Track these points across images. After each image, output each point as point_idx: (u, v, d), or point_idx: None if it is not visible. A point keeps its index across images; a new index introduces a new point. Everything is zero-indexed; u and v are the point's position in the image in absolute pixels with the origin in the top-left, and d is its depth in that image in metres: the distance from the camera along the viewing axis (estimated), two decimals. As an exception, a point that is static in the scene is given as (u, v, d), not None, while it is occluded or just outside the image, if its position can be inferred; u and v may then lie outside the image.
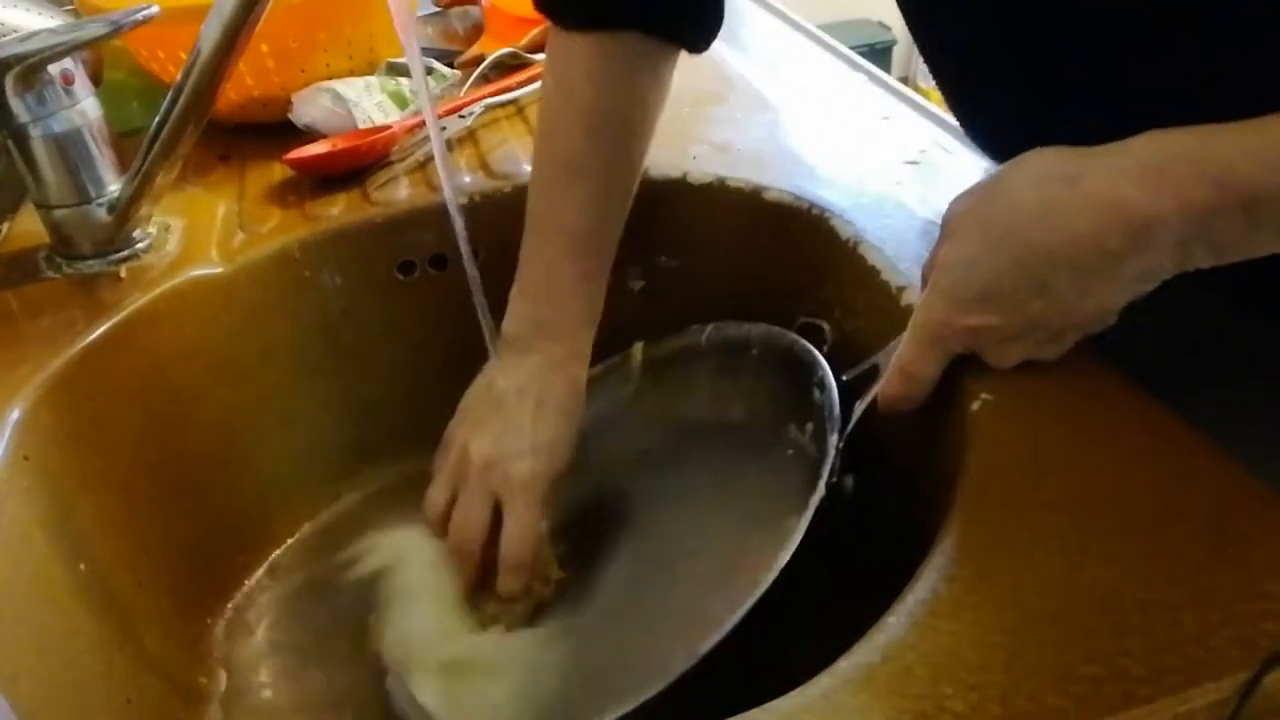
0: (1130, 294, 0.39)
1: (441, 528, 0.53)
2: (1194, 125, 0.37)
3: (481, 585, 0.53)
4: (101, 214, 0.59)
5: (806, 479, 0.45)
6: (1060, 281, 0.38)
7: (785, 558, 0.40)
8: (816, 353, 0.51)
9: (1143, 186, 0.36)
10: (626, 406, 0.61)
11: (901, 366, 0.44)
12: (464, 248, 0.55)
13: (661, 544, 0.54)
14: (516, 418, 0.52)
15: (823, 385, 0.48)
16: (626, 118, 0.54)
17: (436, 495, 0.54)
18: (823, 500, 0.42)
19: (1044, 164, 0.40)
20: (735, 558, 0.48)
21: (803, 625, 0.53)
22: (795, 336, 0.53)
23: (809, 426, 0.51)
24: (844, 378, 0.48)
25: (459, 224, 0.55)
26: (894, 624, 0.34)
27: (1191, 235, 0.36)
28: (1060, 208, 0.38)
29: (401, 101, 0.74)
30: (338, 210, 0.65)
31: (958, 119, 0.57)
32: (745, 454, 0.55)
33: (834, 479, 0.44)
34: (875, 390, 0.46)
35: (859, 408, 0.46)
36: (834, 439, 0.45)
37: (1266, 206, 0.35)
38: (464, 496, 0.52)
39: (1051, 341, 0.42)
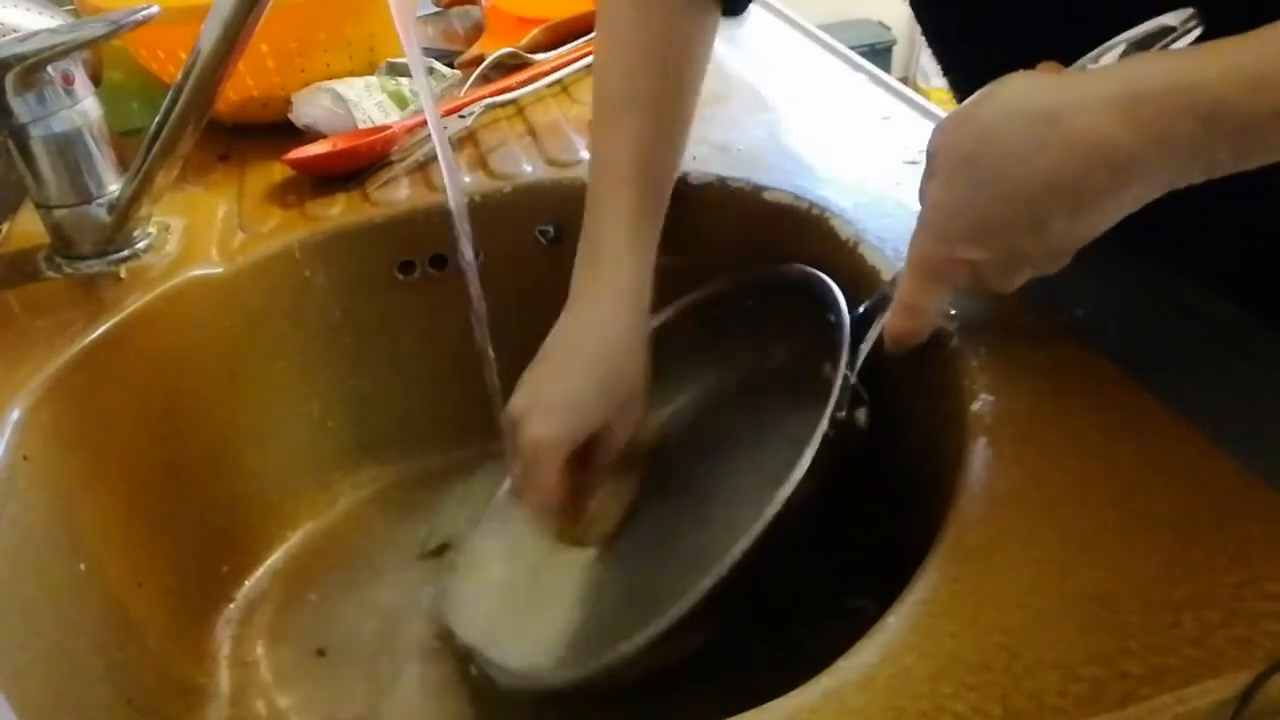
0: (1121, 215, 0.39)
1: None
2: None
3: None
4: (101, 214, 0.59)
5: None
6: (1051, 217, 0.38)
7: (788, 490, 0.42)
8: (834, 287, 0.51)
9: (1126, 123, 0.36)
10: (670, 350, 0.61)
11: (902, 301, 0.44)
12: (465, 248, 0.55)
13: (699, 486, 0.56)
14: (545, 376, 0.52)
15: (837, 320, 0.49)
16: (666, 54, 0.54)
17: (510, 460, 0.53)
18: (829, 433, 0.43)
19: (1022, 95, 0.39)
20: (765, 497, 0.49)
21: (803, 623, 0.53)
22: (821, 276, 0.53)
23: (828, 361, 0.52)
24: (859, 310, 0.49)
25: (461, 224, 0.55)
26: (894, 624, 0.34)
27: (1181, 165, 0.36)
28: (1045, 149, 0.37)
29: (401, 101, 0.74)
30: (338, 210, 0.65)
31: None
32: (783, 395, 0.56)
33: (842, 413, 0.45)
34: (880, 326, 0.46)
35: (865, 346, 0.47)
36: (842, 372, 0.46)
37: (1258, 130, 0.35)
38: (512, 459, 0.52)
39: (1049, 262, 0.41)
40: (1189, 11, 0.38)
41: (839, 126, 0.69)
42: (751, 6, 0.62)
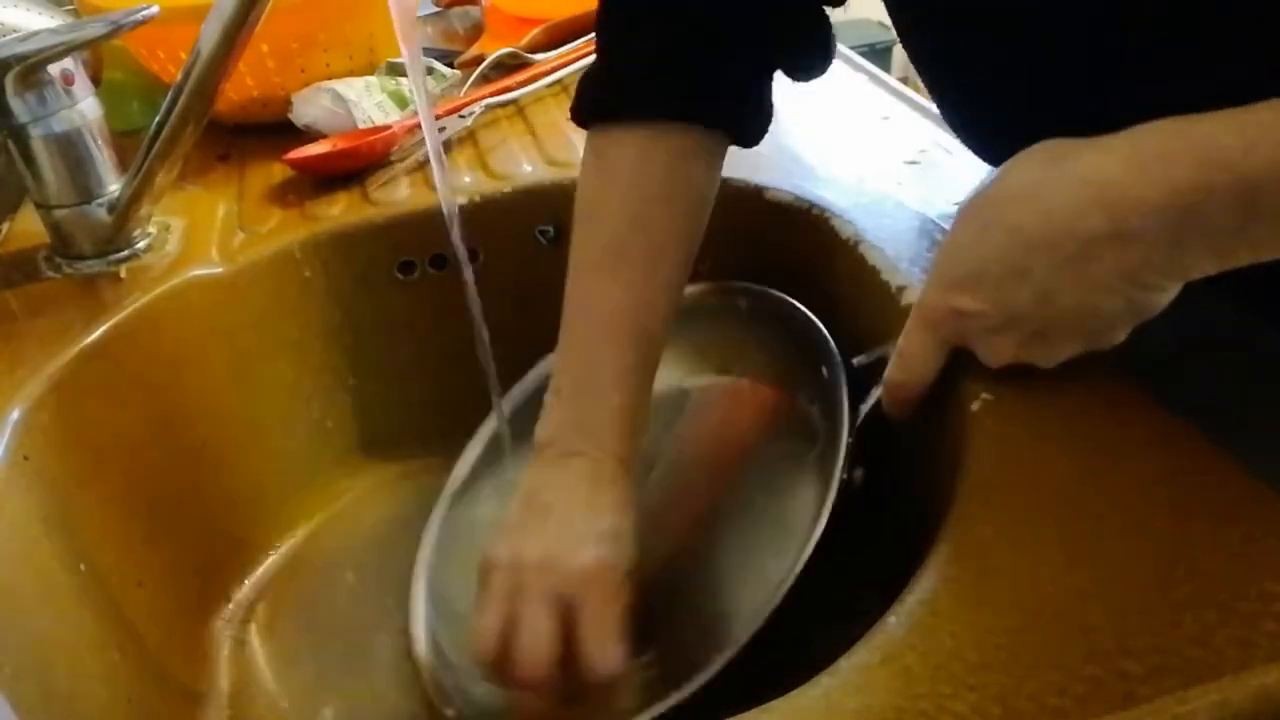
0: (1124, 300, 0.37)
1: (499, 663, 0.43)
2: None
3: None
4: (101, 214, 0.59)
5: (815, 459, 0.48)
6: (1037, 267, 0.37)
7: (799, 567, 0.42)
8: (828, 337, 0.51)
9: (1128, 167, 0.35)
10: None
11: (898, 350, 0.44)
12: (460, 251, 0.55)
13: (671, 518, 0.54)
14: (569, 516, 0.45)
15: (833, 373, 0.49)
16: (673, 203, 0.50)
17: (487, 623, 0.43)
18: (835, 501, 0.43)
19: (1042, 151, 0.39)
20: (756, 544, 0.49)
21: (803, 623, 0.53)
22: (811, 317, 0.53)
23: (816, 405, 0.52)
24: (854, 362, 0.49)
25: (455, 230, 0.55)
26: (894, 624, 0.34)
27: (1183, 225, 0.34)
28: (1044, 189, 0.37)
29: (401, 101, 0.74)
30: (338, 210, 0.65)
31: (950, 125, 0.57)
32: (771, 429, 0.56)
33: (845, 476, 0.44)
34: (880, 388, 0.46)
35: (864, 407, 0.47)
36: (844, 436, 0.45)
37: (1263, 189, 0.33)
38: (524, 610, 0.43)
39: (1038, 341, 0.40)
40: None
41: (839, 126, 0.69)
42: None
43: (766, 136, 0.66)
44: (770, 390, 0.56)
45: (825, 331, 0.52)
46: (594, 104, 0.52)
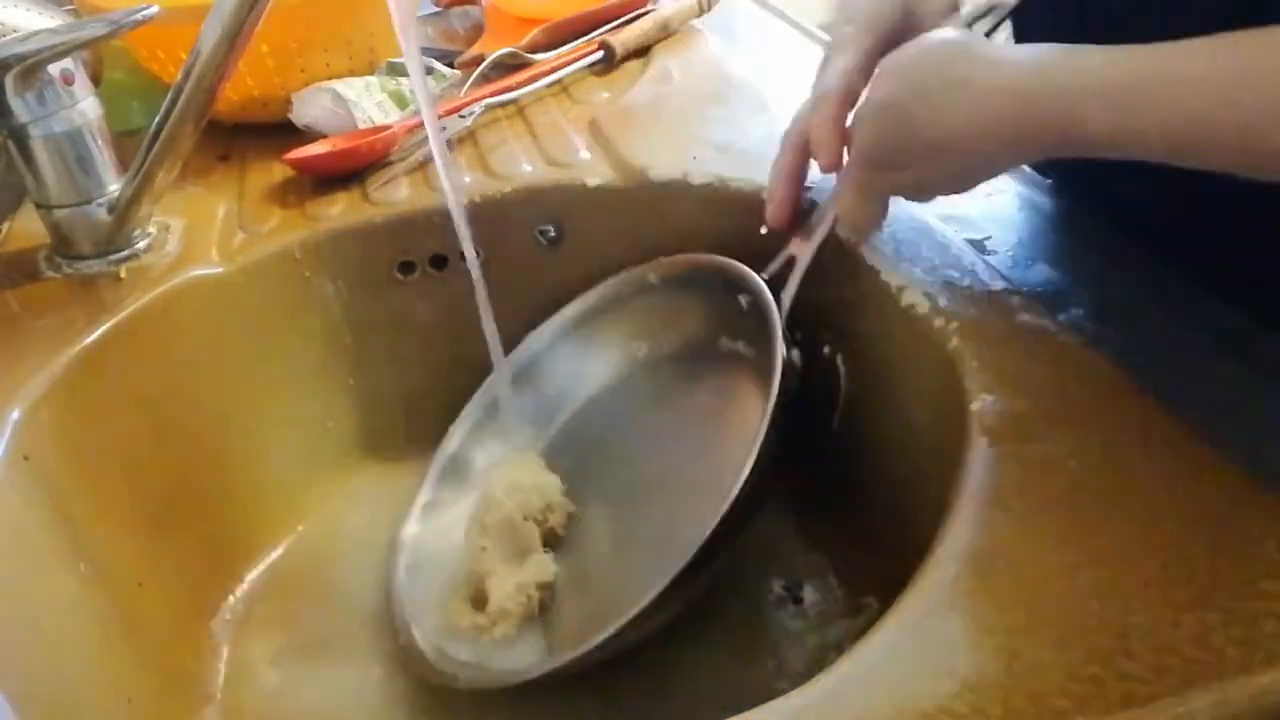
0: (986, 174, 0.49)
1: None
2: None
3: None
4: (101, 214, 0.59)
5: (749, 380, 0.55)
6: (949, 159, 0.46)
7: (761, 436, 0.46)
8: (733, 262, 0.57)
9: (1007, 102, 0.43)
10: (580, 352, 0.65)
11: (841, 214, 0.53)
12: (467, 248, 0.55)
13: (633, 475, 0.59)
14: None
15: (750, 287, 0.54)
16: None
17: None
18: (783, 383, 0.48)
19: (945, 58, 0.45)
20: (710, 465, 0.54)
21: (804, 622, 0.53)
22: (713, 257, 0.59)
23: (739, 335, 0.58)
24: (764, 275, 0.55)
25: (461, 225, 0.55)
26: (894, 624, 0.34)
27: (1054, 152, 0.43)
28: (954, 106, 0.44)
29: (401, 101, 0.74)
30: (338, 210, 0.65)
31: None
32: (688, 375, 0.61)
33: (785, 354, 0.49)
34: (800, 274, 0.53)
35: (786, 297, 0.53)
36: (778, 321, 0.51)
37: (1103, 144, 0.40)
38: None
39: (928, 189, 0.50)
40: None
41: (839, 126, 0.68)
42: (751, 7, 0.62)
43: (766, 136, 0.66)
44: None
45: (730, 260, 0.57)
46: None
